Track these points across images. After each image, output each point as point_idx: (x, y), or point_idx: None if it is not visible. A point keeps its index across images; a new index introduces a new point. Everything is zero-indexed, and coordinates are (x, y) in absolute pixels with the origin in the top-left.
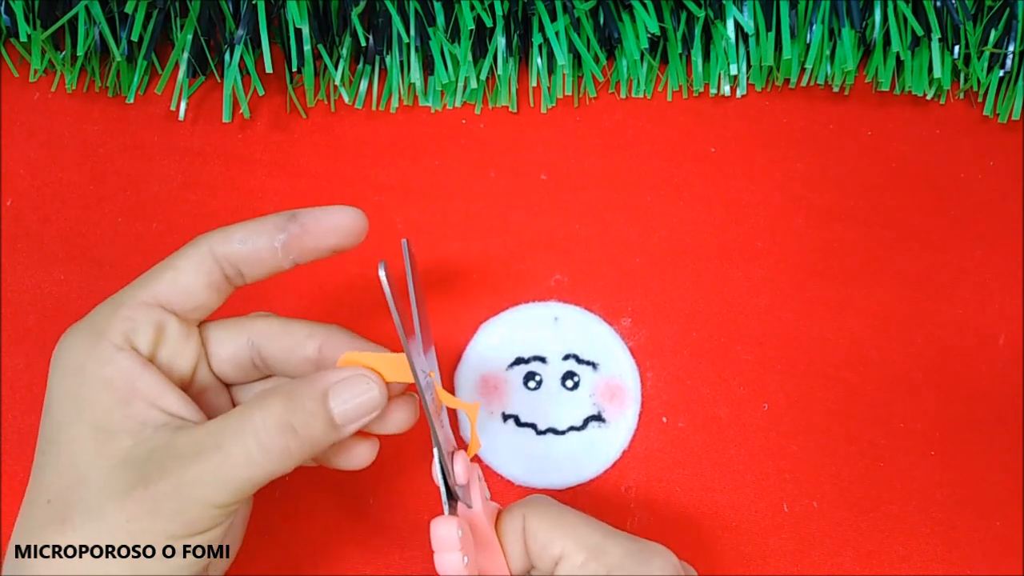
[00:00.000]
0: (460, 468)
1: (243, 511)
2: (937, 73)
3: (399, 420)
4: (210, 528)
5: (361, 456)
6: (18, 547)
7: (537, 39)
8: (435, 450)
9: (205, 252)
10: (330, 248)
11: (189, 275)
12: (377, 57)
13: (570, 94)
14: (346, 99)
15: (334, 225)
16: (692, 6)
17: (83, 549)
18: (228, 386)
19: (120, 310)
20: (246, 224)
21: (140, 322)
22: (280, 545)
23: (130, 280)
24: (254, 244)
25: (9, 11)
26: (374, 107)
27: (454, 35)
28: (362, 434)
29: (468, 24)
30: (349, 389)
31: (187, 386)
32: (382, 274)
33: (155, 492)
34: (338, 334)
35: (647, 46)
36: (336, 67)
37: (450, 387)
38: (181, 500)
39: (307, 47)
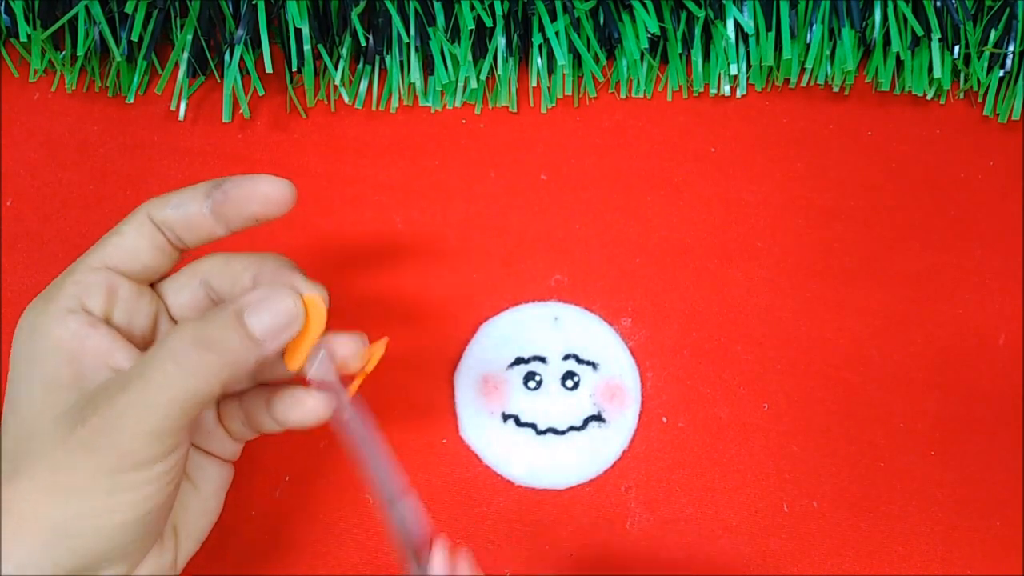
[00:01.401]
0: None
1: (217, 480)
2: (937, 73)
3: (314, 408)
4: (148, 462)
5: (311, 408)
6: None
7: (537, 39)
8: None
9: (144, 217)
10: (252, 216)
11: (132, 238)
12: (377, 57)
13: (570, 94)
14: (346, 99)
15: (255, 193)
16: (692, 6)
17: (34, 499)
18: None
19: (71, 275)
20: (181, 191)
21: (91, 285)
22: (280, 545)
23: None
24: (186, 210)
25: (9, 11)
26: (374, 107)
27: (454, 35)
28: (305, 384)
29: (468, 24)
30: (264, 303)
31: (149, 341)
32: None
33: (90, 429)
34: (270, 262)
35: (647, 46)
36: (336, 67)
37: (450, 387)
38: (113, 432)
39: (307, 47)
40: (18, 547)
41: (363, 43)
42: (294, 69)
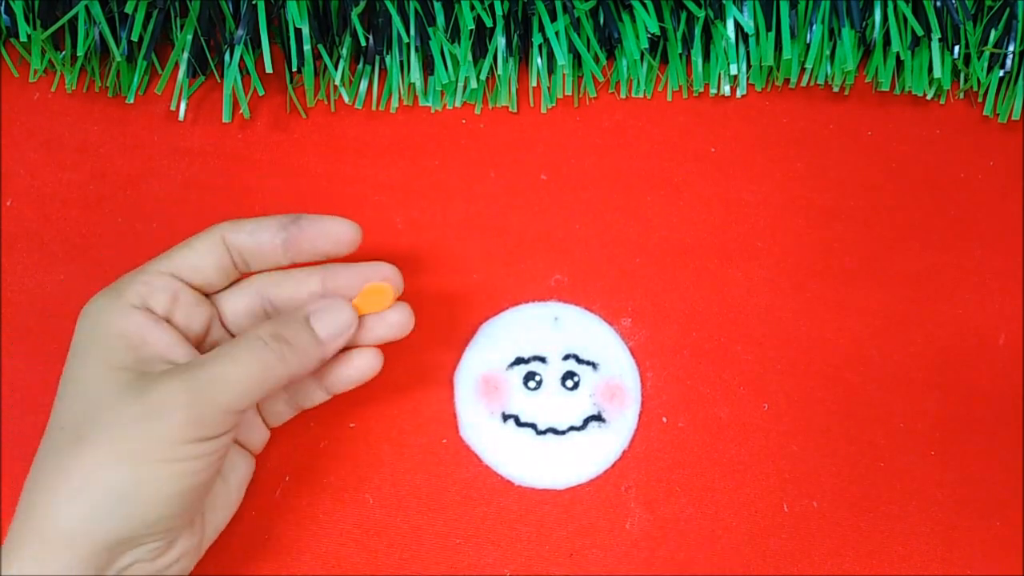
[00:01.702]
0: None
1: (242, 471)
2: (937, 73)
3: (396, 325)
4: (210, 436)
5: (363, 366)
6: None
7: (537, 39)
8: None
9: (217, 237)
10: (323, 253)
11: (201, 255)
12: (377, 57)
13: (570, 94)
14: (346, 99)
15: (329, 233)
16: (692, 6)
17: (95, 463)
18: None
19: (140, 276)
20: (256, 219)
21: (156, 287)
22: (279, 545)
23: None
24: (259, 238)
25: (9, 11)
26: (374, 107)
27: (454, 35)
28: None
29: (468, 24)
30: (326, 311)
31: (201, 343)
32: None
33: (160, 399)
34: (335, 266)
35: (647, 46)
36: (336, 67)
37: (450, 387)
38: (187, 403)
39: (307, 47)
40: (75, 507)
41: (363, 43)
42: (294, 69)
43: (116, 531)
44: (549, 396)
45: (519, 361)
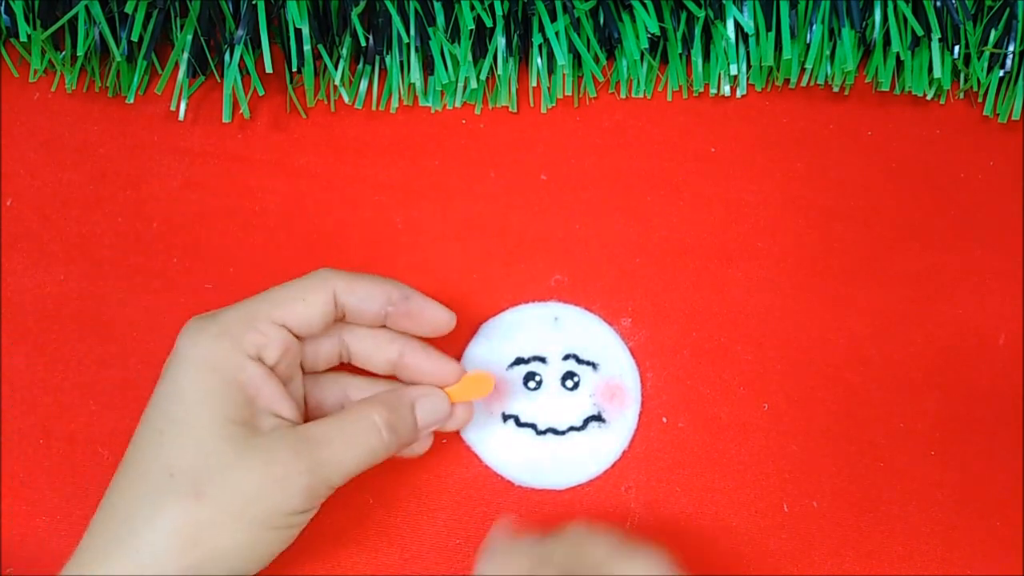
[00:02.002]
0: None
1: None
2: (937, 73)
3: (461, 419)
4: (315, 507)
5: (422, 446)
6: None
7: (537, 39)
8: None
9: (331, 294)
10: (417, 332)
11: (316, 310)
12: (377, 57)
13: (570, 94)
14: (346, 99)
15: (433, 320)
16: (692, 6)
17: (212, 519)
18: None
19: (255, 324)
20: (368, 283)
21: (272, 339)
22: None
23: (129, 281)
24: (369, 305)
25: (9, 11)
26: (374, 107)
27: (454, 35)
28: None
29: (468, 24)
30: (430, 401)
31: (301, 397)
32: None
33: (285, 466)
34: (414, 342)
35: (647, 46)
36: (336, 67)
37: None
38: (308, 477)
39: (307, 47)
40: (185, 557)
41: (363, 43)
42: (294, 69)
43: None
44: (549, 396)
45: (519, 361)
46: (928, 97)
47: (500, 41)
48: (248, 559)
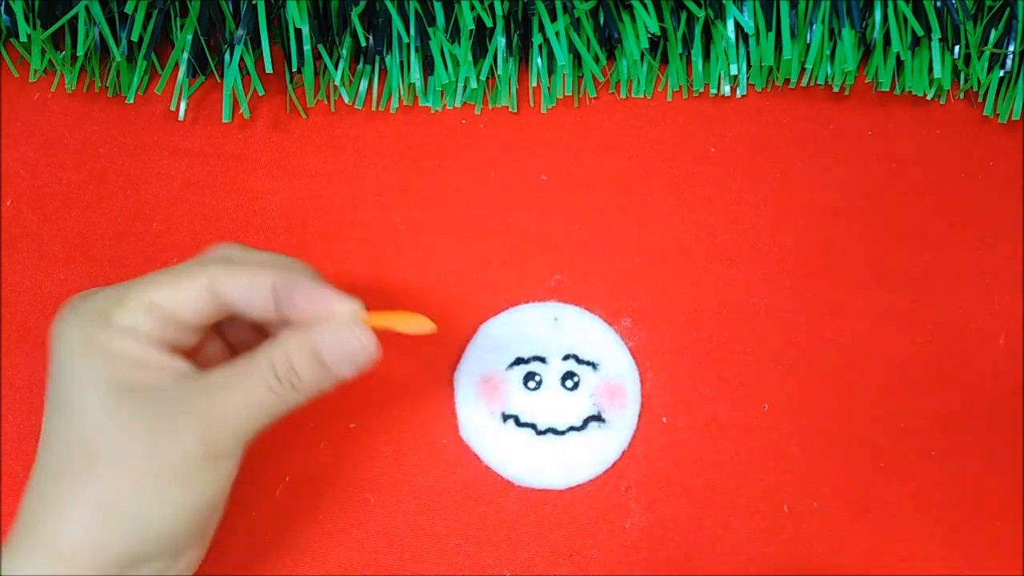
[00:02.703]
0: None
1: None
2: (937, 73)
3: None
4: (227, 456)
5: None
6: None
7: (537, 39)
8: None
9: (204, 283)
10: (316, 319)
11: (186, 296)
12: (377, 57)
13: (570, 94)
14: (346, 99)
15: (325, 309)
16: (692, 6)
17: (107, 485)
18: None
19: (125, 302)
20: (250, 274)
21: (139, 320)
22: (280, 545)
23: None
24: (251, 295)
25: (9, 11)
26: (374, 107)
27: (454, 35)
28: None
29: (468, 24)
30: (336, 344)
31: (194, 355)
32: None
33: (173, 422)
34: (298, 275)
35: (647, 46)
36: (336, 67)
37: (450, 387)
38: (200, 430)
39: (307, 47)
40: (86, 528)
41: (363, 43)
42: (294, 69)
43: (127, 551)
44: (549, 396)
45: (519, 361)
46: (928, 97)
47: (500, 41)
48: (169, 521)
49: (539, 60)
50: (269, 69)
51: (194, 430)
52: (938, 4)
